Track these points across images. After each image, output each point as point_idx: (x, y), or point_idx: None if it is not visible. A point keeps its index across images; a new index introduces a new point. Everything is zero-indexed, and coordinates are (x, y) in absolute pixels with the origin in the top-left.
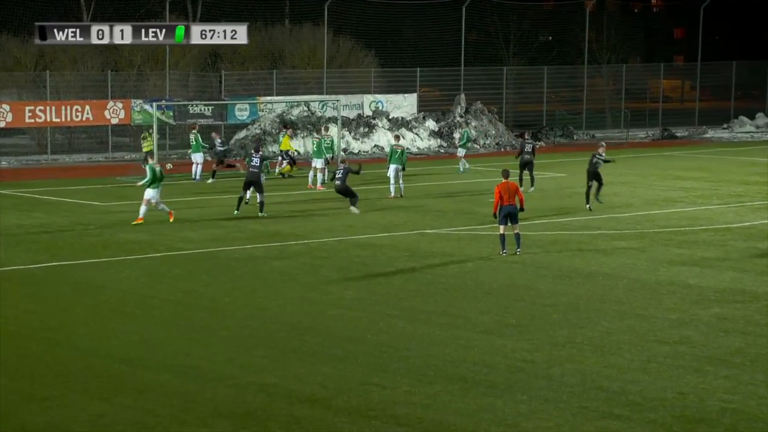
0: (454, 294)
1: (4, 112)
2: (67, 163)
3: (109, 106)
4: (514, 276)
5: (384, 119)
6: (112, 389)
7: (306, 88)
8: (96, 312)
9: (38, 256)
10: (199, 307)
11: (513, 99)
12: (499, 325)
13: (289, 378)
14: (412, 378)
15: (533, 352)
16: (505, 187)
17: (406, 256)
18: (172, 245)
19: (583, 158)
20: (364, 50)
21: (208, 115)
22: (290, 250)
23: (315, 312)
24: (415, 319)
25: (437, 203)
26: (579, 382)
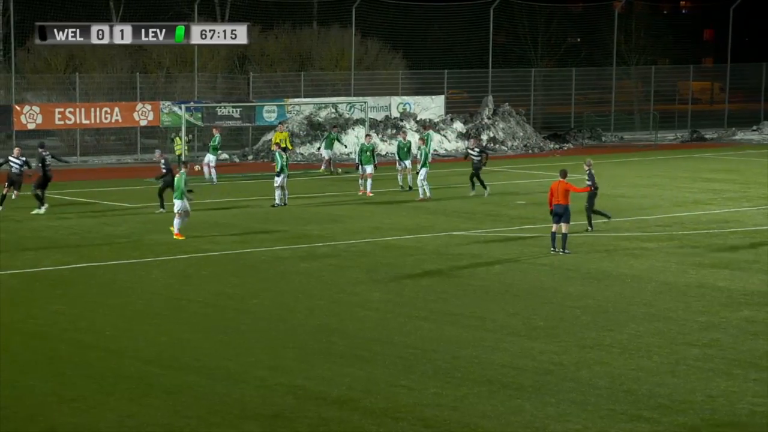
0: (482, 296)
1: (34, 114)
2: (96, 165)
3: (138, 108)
4: (542, 278)
5: (411, 121)
6: (141, 390)
7: (333, 90)
8: (124, 313)
9: (67, 258)
10: (227, 308)
11: (541, 101)
12: (527, 327)
13: (316, 379)
14: (439, 380)
15: (561, 355)
16: (556, 186)
17: (433, 258)
18: (200, 247)
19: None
20: (391, 52)
21: (236, 117)
22: (318, 252)
23: (342, 314)
24: (443, 321)
25: (464, 205)
26: (607, 385)
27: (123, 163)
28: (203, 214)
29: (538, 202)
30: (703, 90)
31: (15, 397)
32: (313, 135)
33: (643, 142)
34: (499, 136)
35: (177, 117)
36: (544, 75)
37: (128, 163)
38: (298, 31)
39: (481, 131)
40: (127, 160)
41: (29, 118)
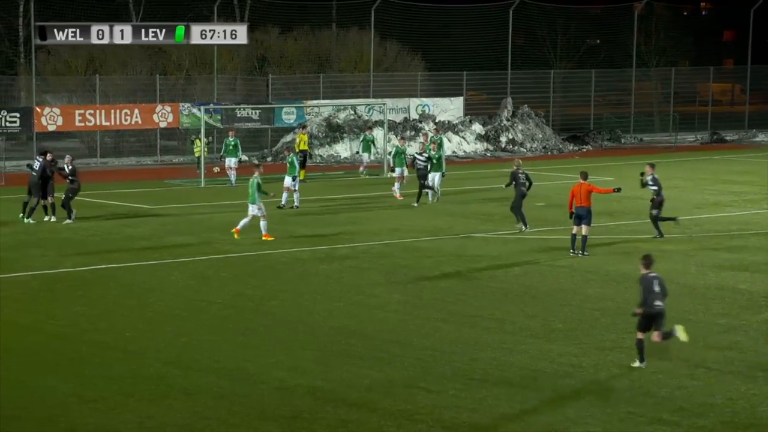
0: (501, 298)
1: (55, 116)
2: (116, 167)
3: (158, 110)
4: (562, 280)
5: (430, 122)
6: (161, 391)
7: (353, 92)
8: (144, 314)
9: (88, 259)
10: (246, 309)
11: (560, 102)
12: (546, 329)
13: (335, 381)
14: (458, 382)
15: (580, 357)
16: (578, 188)
17: (452, 259)
18: (219, 248)
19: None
20: (410, 54)
21: (255, 119)
22: (337, 253)
23: (361, 315)
24: (462, 323)
25: (483, 207)
26: (626, 387)
27: (143, 164)
28: (222, 216)
29: (557, 203)
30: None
31: (35, 397)
32: (332, 137)
33: (662, 144)
34: (518, 137)
35: (196, 119)
36: (564, 76)
37: (148, 165)
38: (317, 32)
39: (500, 133)
40: (146, 162)
41: (49, 119)
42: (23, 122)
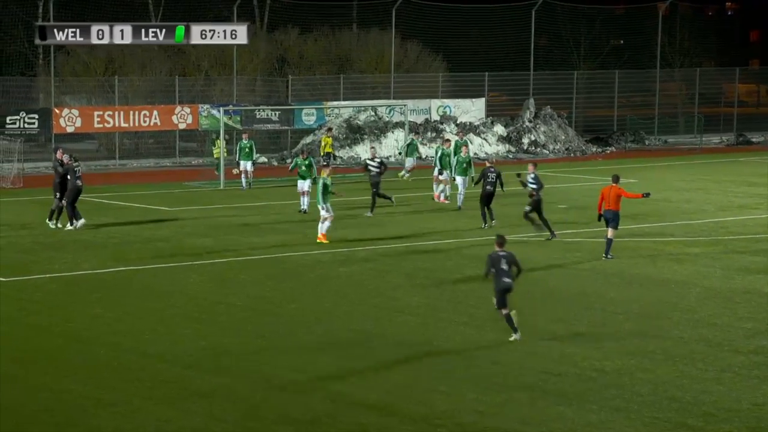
0: (523, 301)
1: (73, 117)
2: (135, 168)
3: (177, 111)
4: (584, 283)
5: (452, 124)
6: (178, 394)
7: (373, 93)
8: (163, 317)
9: (106, 261)
10: (265, 312)
11: (583, 104)
12: (568, 332)
13: (354, 385)
14: (479, 386)
15: (603, 361)
16: (608, 191)
17: (473, 262)
18: (238, 251)
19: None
20: (431, 54)
21: (274, 120)
22: (357, 255)
23: (381, 318)
24: (483, 326)
25: (505, 209)
26: (651, 392)
27: (161, 166)
28: (241, 218)
29: (580, 206)
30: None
31: (53, 400)
32: (352, 138)
33: (687, 145)
34: (541, 139)
35: (215, 120)
36: (587, 77)
37: (167, 167)
38: (337, 33)
39: (523, 134)
40: (165, 164)
41: (68, 121)
42: (42, 123)
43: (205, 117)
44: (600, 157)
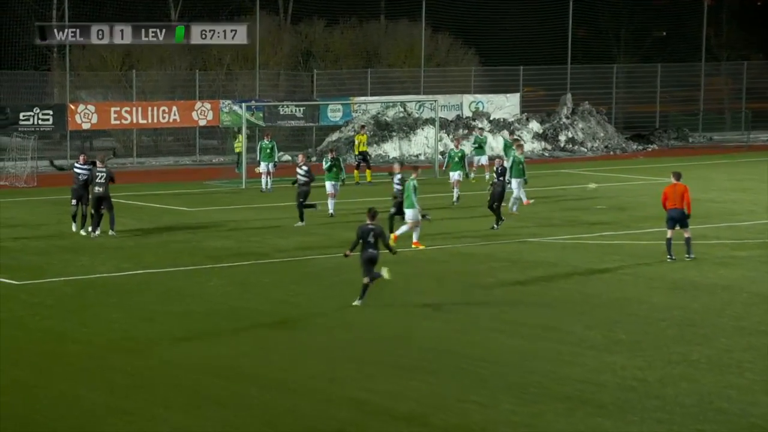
0: (559, 307)
1: (90, 114)
2: (153, 167)
3: (197, 107)
4: (625, 288)
5: (484, 121)
6: (195, 402)
7: (402, 88)
8: (181, 322)
9: (123, 264)
10: (289, 318)
11: (623, 99)
12: (607, 340)
13: (381, 393)
14: (513, 396)
15: (645, 370)
16: (672, 189)
17: (506, 265)
18: (260, 253)
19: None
20: (463, 47)
21: (299, 117)
22: (385, 258)
23: (409, 324)
24: (517, 333)
25: (540, 210)
26: (695, 403)
27: (181, 164)
28: (262, 219)
29: (620, 207)
30: None
31: (66, 407)
32: (380, 135)
33: (734, 143)
34: (579, 136)
35: (237, 116)
36: (627, 71)
37: (186, 165)
38: (364, 25)
39: (559, 131)
40: (185, 162)
41: (84, 117)
42: (56, 120)
43: (227, 113)
44: (641, 155)
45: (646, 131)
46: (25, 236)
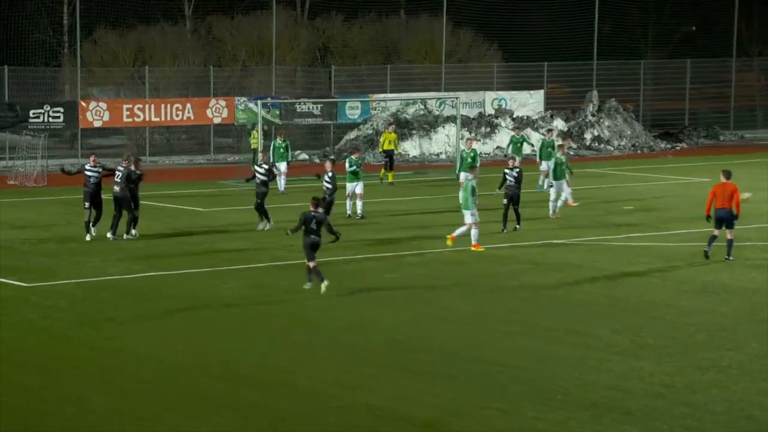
0: (584, 311)
1: (101, 111)
2: (167, 166)
3: (212, 105)
4: (653, 291)
5: (507, 118)
6: (209, 408)
7: (422, 85)
8: (195, 326)
9: (135, 266)
10: (304, 321)
11: (651, 96)
12: (635, 345)
13: (400, 400)
14: (537, 402)
15: (674, 376)
16: (721, 188)
17: (530, 268)
18: (277, 255)
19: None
20: (485, 43)
21: (316, 114)
22: (403, 260)
23: (429, 328)
24: (541, 338)
25: (565, 211)
26: (726, 411)
27: (195, 163)
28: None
29: (648, 207)
30: None
31: (77, 412)
32: (400, 134)
33: (766, 141)
34: (605, 134)
35: (253, 114)
36: (655, 67)
37: (201, 164)
38: (384, 20)
39: (585, 129)
40: (199, 161)
41: (95, 115)
42: (67, 117)
43: (242, 110)
44: (670, 154)
45: (675, 129)
46: (35, 237)
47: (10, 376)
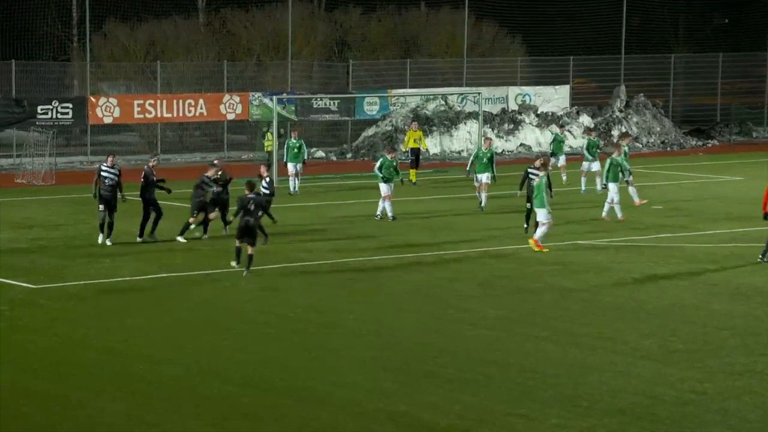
0: (612, 314)
1: (111, 107)
2: (179, 164)
3: (225, 100)
4: (682, 295)
5: (532, 114)
6: (222, 413)
7: (443, 80)
8: (206, 328)
9: (145, 267)
10: (318, 324)
11: (681, 91)
12: (664, 350)
13: (421, 406)
14: (562, 409)
15: (704, 383)
16: None
17: (556, 269)
18: (289, 256)
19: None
20: (509, 36)
21: (333, 110)
22: (423, 262)
23: (451, 332)
24: (566, 342)
25: (591, 210)
26: (759, 418)
27: (208, 161)
28: (293, 220)
29: (678, 207)
30: None
31: (87, 419)
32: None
33: None
34: (633, 131)
35: (268, 110)
36: (686, 61)
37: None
38: (403, 13)
39: (612, 126)
40: (212, 158)
41: (105, 111)
42: (76, 114)
43: (257, 106)
44: (701, 152)
45: (706, 126)
46: (43, 237)
47: (20, 381)
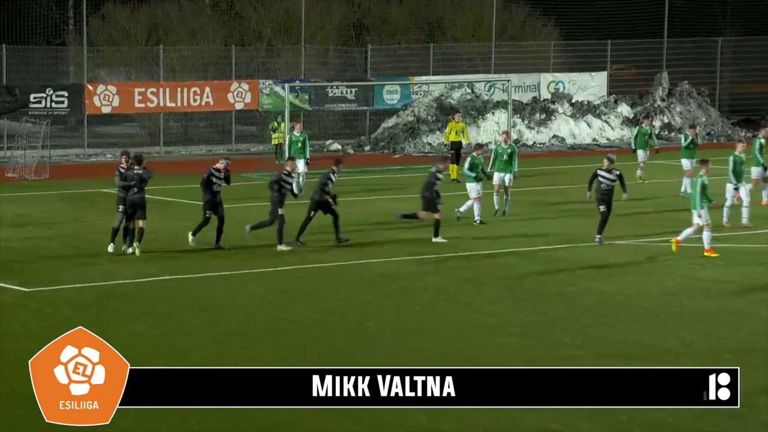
0: (651, 321)
1: (110, 95)
2: (183, 157)
3: (233, 88)
4: (729, 300)
5: (565, 103)
6: (234, 425)
7: (469, 66)
8: (215, 335)
9: (148, 268)
10: (337, 330)
11: (729, 78)
12: (709, 360)
13: (447, 418)
14: (598, 423)
15: (756, 396)
16: None
17: (590, 272)
18: (305, 257)
19: None
20: (541, 19)
21: (350, 99)
22: (448, 263)
23: (478, 339)
24: (602, 351)
25: (629, 206)
26: None
27: (215, 154)
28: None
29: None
30: None
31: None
32: (444, 121)
33: None
34: (676, 122)
35: (279, 99)
36: (734, 45)
37: (220, 154)
38: None
39: (653, 116)
40: (219, 151)
41: (104, 99)
42: (72, 103)
43: (267, 95)
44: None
45: (757, 116)
46: (37, 236)
47: (15, 390)
